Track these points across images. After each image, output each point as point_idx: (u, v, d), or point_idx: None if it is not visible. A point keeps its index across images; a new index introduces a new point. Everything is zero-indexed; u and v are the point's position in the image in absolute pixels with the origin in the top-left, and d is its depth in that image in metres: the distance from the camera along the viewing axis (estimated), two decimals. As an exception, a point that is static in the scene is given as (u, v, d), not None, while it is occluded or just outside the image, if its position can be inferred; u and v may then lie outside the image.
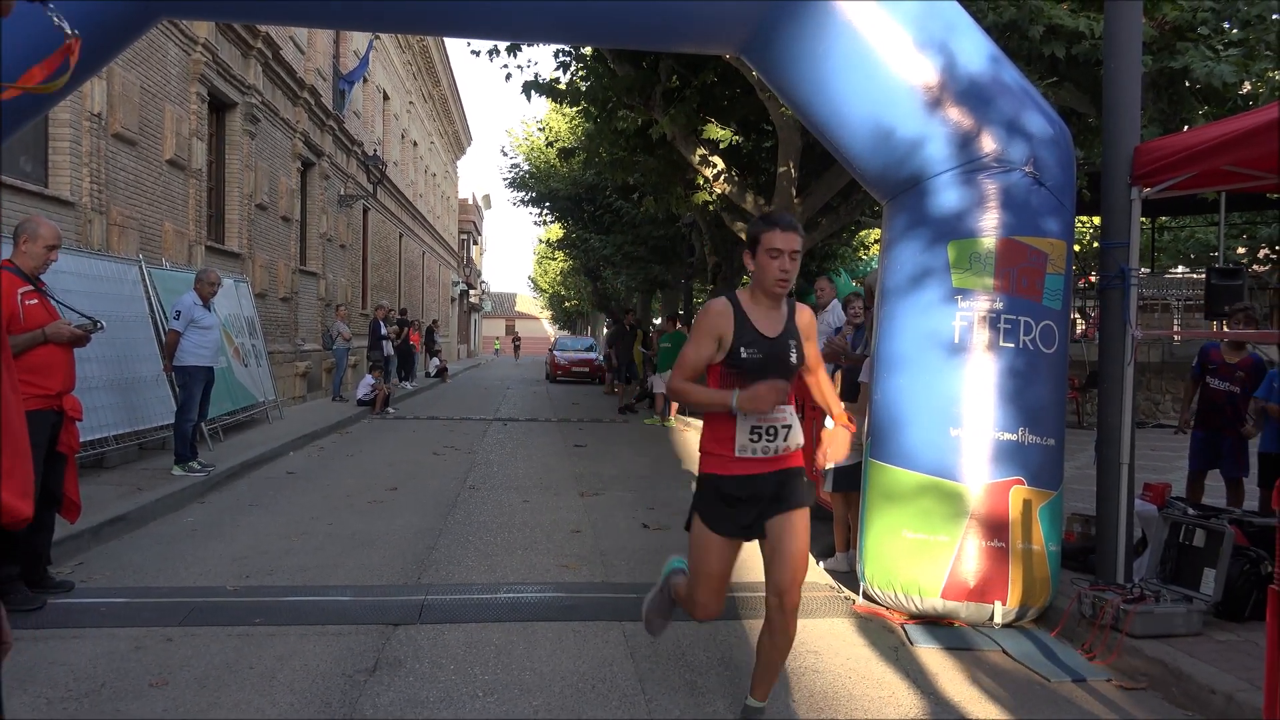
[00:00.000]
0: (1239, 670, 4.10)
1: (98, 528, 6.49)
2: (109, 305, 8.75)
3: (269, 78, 15.61)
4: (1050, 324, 5.09)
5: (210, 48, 12.69)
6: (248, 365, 12.80)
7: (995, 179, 5.06)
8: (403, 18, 6.40)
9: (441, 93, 38.46)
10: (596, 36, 7.32)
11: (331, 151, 20.21)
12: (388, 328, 19.10)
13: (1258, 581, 4.81)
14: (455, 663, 4.33)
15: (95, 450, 8.55)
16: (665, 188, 14.18)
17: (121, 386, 9.08)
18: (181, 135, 12.02)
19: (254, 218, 15.09)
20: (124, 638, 4.55)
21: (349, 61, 21.71)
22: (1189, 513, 5.37)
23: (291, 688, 3.99)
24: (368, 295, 24.40)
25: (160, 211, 11.53)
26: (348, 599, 5.32)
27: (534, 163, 26.71)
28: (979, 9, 7.17)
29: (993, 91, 5.13)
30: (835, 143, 5.66)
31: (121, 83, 10.18)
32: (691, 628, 4.88)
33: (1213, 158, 4.71)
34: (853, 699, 4.06)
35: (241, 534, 6.92)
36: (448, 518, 7.63)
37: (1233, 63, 7.24)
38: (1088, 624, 4.77)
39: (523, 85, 12.30)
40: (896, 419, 5.18)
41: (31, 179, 8.92)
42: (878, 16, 5.14)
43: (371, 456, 11.31)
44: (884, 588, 5.17)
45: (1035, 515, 4.99)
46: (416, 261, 34.25)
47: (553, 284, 57.14)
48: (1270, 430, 6.43)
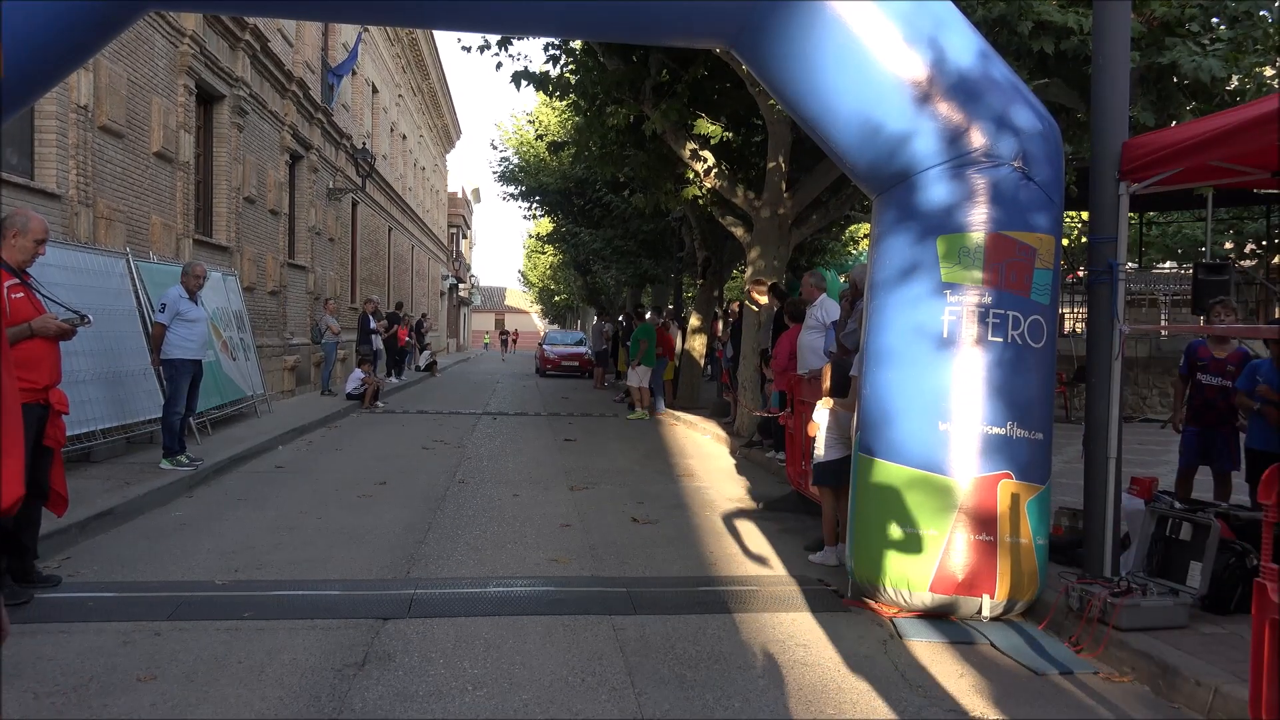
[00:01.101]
0: (1225, 663, 4.13)
1: (85, 522, 6.46)
2: (96, 299, 8.71)
3: (257, 70, 15.53)
4: (1039, 318, 5.11)
5: (198, 40, 12.61)
6: (236, 359, 12.75)
7: (984, 174, 5.07)
8: (393, 10, 6.38)
9: (431, 86, 38.34)
10: (586, 30, 7.31)
11: (320, 144, 20.12)
12: (376, 321, 19.05)
13: (1243, 575, 4.84)
14: (444, 657, 4.33)
15: (82, 444, 8.51)
16: (655, 182, 14.16)
17: (109, 380, 9.03)
18: (169, 128, 11.95)
19: (242, 211, 15.01)
20: (112, 632, 4.54)
21: (338, 54, 21.60)
22: (1175, 506, 5.40)
23: (280, 682, 3.99)
24: (356, 289, 24.32)
25: (147, 204, 11.46)
26: (337, 593, 5.32)
27: (524, 156, 26.63)
28: (968, 4, 7.17)
29: (982, 87, 5.14)
30: (825, 137, 5.67)
31: (108, 75, 10.11)
32: (680, 621, 4.89)
33: (1200, 153, 4.73)
34: (842, 692, 4.07)
35: (230, 528, 6.90)
36: (437, 512, 7.62)
37: (1220, 58, 7.27)
38: (1075, 617, 4.80)
39: (512, 75, 12.25)
40: (885, 413, 5.19)
41: (18, 171, 8.85)
42: (867, 11, 5.15)
43: (360, 451, 11.29)
44: (873, 581, 5.19)
45: (1023, 509, 5.01)
46: (406, 255, 34.15)
47: (542, 278, 57.04)
48: (1256, 426, 6.46)
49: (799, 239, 13.36)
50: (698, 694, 3.98)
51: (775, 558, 6.43)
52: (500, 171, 27.47)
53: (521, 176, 26.23)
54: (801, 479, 7.64)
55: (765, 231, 12.39)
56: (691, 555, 6.41)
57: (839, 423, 6.10)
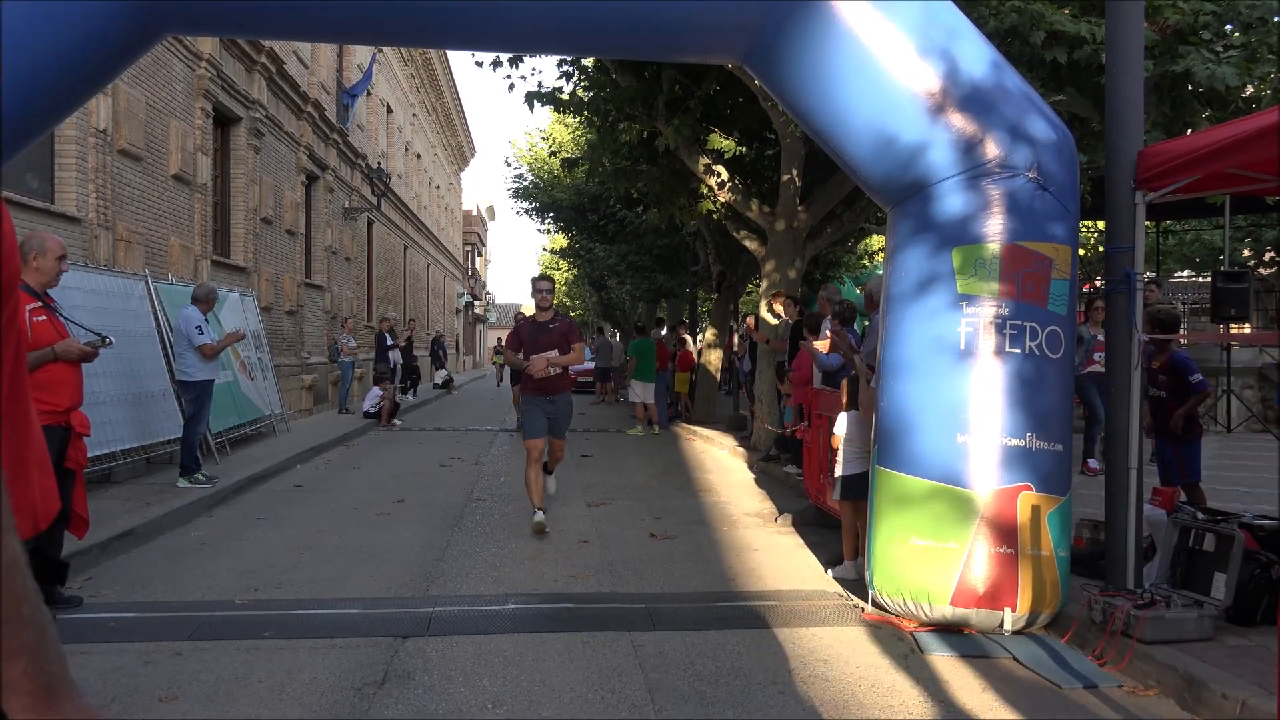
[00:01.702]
0: (1251, 675, 4.08)
1: (106, 543, 6.50)
2: (116, 321, 8.79)
3: (273, 92, 15.68)
4: (1056, 329, 5.08)
5: (215, 63, 12.75)
6: (254, 379, 12.83)
7: (999, 185, 5.06)
8: (406, 31, 6.43)
9: (445, 105, 38.58)
10: (598, 47, 7.35)
11: (336, 165, 20.27)
12: (393, 340, 19.12)
13: (1269, 586, 4.78)
14: (464, 674, 4.32)
15: (103, 465, 8.58)
16: (669, 197, 14.19)
17: (130, 401, 9.11)
18: (187, 150, 12.08)
19: (259, 231, 15.14)
20: (133, 653, 4.56)
21: (352, 75, 21.79)
22: (1198, 517, 5.34)
23: (300, 701, 3.99)
24: (373, 308, 24.44)
25: (166, 226, 11.57)
26: (356, 611, 5.32)
27: (538, 173, 26.74)
28: (980, 15, 7.18)
29: (995, 97, 5.14)
30: (838, 150, 5.67)
31: (127, 99, 10.23)
32: (699, 637, 4.88)
33: (1216, 161, 4.71)
34: (863, 707, 4.04)
35: (249, 548, 6.93)
36: (455, 529, 7.63)
37: (1235, 66, 7.24)
38: (1098, 630, 4.75)
39: (525, 95, 12.33)
40: (903, 425, 5.17)
41: (39, 195, 8.96)
42: (879, 24, 5.15)
43: (378, 469, 11.32)
44: (893, 595, 5.15)
45: (1044, 521, 4.97)
46: (421, 273, 34.31)
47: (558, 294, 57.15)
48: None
49: (813, 252, 13.35)
50: (718, 710, 3.96)
51: (794, 572, 6.40)
52: (514, 188, 27.59)
53: (535, 192, 26.33)
54: (820, 493, 7.61)
55: (780, 245, 12.40)
56: (710, 570, 6.39)
57: (860, 436, 6.08)
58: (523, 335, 7.63)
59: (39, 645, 0.95)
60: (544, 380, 7.46)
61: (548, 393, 7.53)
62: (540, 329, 7.59)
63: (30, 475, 1.25)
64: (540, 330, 7.58)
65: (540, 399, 7.55)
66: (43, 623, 0.97)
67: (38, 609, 0.96)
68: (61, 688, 0.96)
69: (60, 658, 0.98)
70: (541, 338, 7.53)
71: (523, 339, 7.60)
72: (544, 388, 7.51)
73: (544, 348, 7.46)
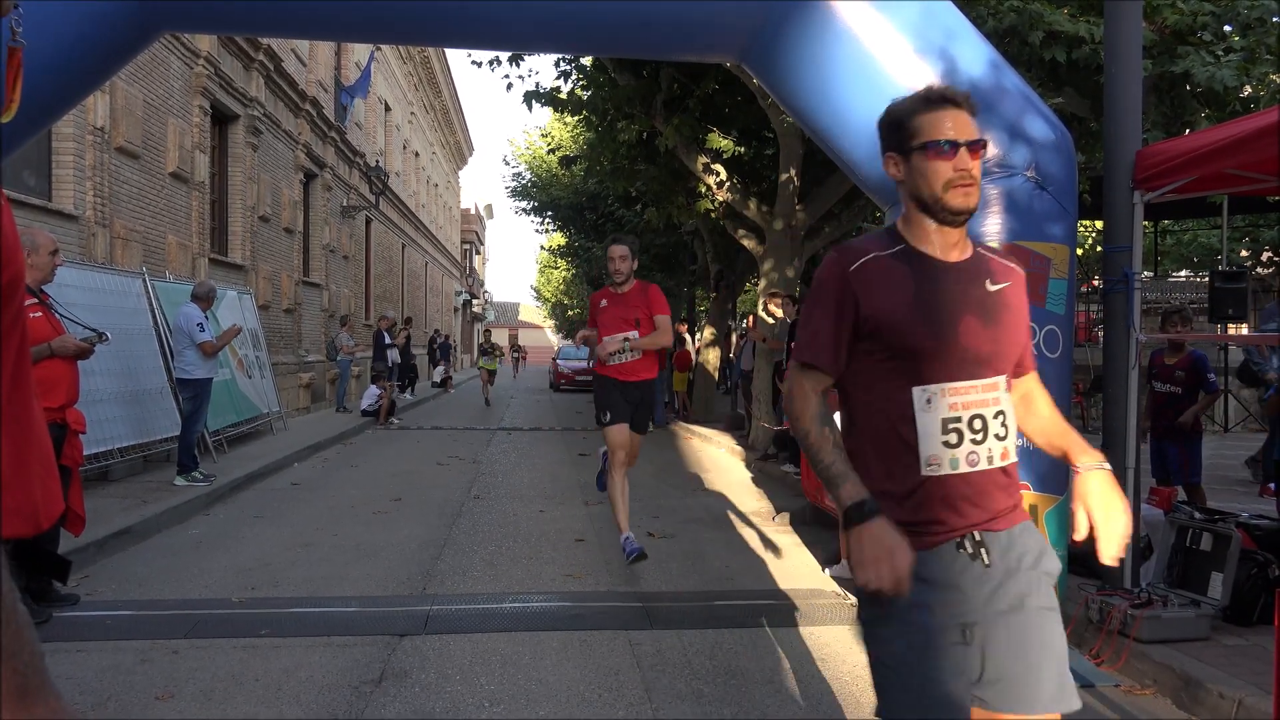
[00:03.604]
0: (1248, 674, 4.09)
1: (103, 540, 6.49)
2: (113, 318, 8.78)
3: (271, 90, 15.66)
4: (1054, 328, 5.08)
5: (213, 61, 12.74)
6: (251, 377, 12.82)
7: (997, 184, 5.06)
8: (405, 29, 6.42)
9: (443, 103, 38.57)
10: (596, 46, 7.34)
11: (334, 163, 20.26)
12: (392, 338, 19.11)
13: (1266, 585, 4.79)
14: (461, 673, 4.32)
15: (100, 463, 8.57)
16: (667, 196, 14.20)
17: (127, 399, 9.10)
18: (184, 148, 12.06)
19: (257, 229, 15.12)
20: (129, 650, 4.55)
21: (350, 73, 21.77)
22: (1195, 517, 5.35)
23: (297, 699, 3.99)
24: (371, 306, 24.44)
25: (163, 224, 11.56)
26: (353, 610, 5.32)
27: (536, 171, 26.75)
28: (979, 15, 7.17)
29: (993, 97, 5.13)
30: (837, 149, 5.67)
31: (124, 96, 10.22)
32: (696, 636, 4.87)
33: (1214, 161, 4.71)
34: (860, 706, 4.04)
35: (246, 546, 6.92)
36: (453, 528, 7.62)
37: (1233, 66, 7.24)
38: (1095, 629, 4.76)
39: (524, 95, 12.33)
40: (901, 425, 5.16)
41: (36, 193, 8.95)
42: (877, 23, 5.15)
43: (376, 467, 11.31)
44: (890, 594, 5.14)
45: (1041, 520, 4.97)
46: (419, 272, 34.30)
47: (555, 293, 57.10)
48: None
49: (812, 251, 13.35)
50: (715, 709, 3.95)
51: (792, 571, 6.40)
52: (513, 187, 27.59)
53: (534, 191, 26.33)
54: (817, 491, 7.61)
55: (778, 244, 12.40)
56: (707, 569, 6.39)
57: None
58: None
59: (15, 646, 0.95)
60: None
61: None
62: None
63: (32, 474, 1.24)
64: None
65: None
66: (19, 623, 0.96)
67: (14, 609, 0.96)
68: (37, 688, 0.96)
69: (36, 658, 0.97)
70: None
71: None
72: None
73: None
